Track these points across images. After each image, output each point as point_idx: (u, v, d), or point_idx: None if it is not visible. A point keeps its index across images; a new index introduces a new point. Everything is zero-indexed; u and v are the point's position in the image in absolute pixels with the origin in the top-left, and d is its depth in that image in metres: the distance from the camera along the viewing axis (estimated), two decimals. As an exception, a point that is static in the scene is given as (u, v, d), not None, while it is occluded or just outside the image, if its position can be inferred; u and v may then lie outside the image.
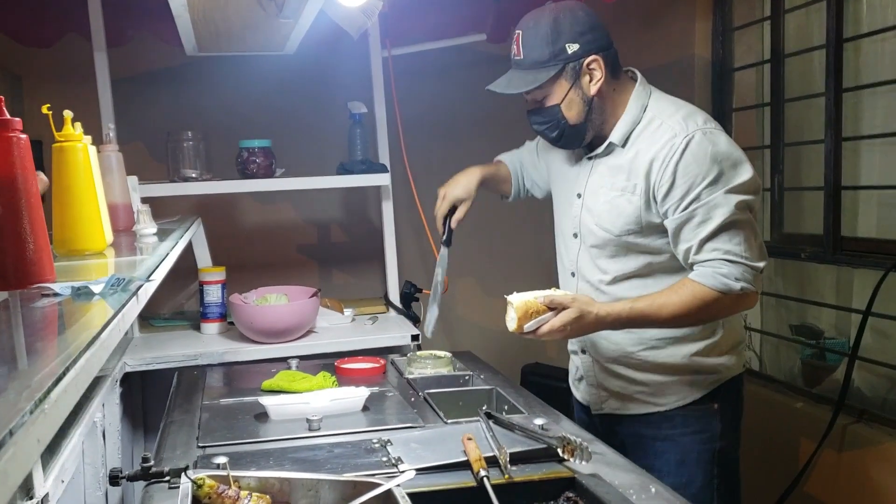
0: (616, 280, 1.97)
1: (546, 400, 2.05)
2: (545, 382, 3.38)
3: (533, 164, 2.32)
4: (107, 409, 2.32)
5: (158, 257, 1.51)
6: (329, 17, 2.39)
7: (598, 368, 2.07)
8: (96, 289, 1.09)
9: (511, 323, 1.83)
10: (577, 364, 2.15)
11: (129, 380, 2.70)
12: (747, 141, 3.33)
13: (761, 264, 1.84)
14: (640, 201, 1.89)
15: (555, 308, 1.80)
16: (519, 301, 1.81)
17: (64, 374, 0.64)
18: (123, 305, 0.99)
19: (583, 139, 1.97)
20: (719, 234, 1.81)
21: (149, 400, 2.94)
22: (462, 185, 2.24)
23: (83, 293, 1.09)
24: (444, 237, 2.24)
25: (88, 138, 1.82)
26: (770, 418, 2.86)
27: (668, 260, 1.93)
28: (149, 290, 1.21)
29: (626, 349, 2.00)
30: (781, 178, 3.02)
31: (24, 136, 1.18)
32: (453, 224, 2.22)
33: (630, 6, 3.28)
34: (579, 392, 2.17)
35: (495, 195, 2.46)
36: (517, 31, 1.92)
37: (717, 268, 1.81)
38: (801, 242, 2.91)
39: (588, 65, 1.87)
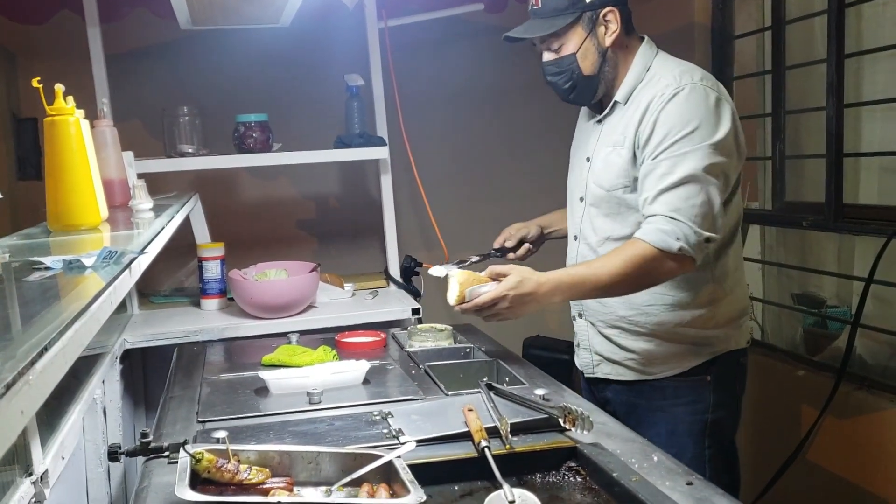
0: (608, 240, 1.96)
1: (548, 372, 2.04)
2: (546, 355, 3.38)
3: None
4: (107, 386, 2.32)
5: (153, 231, 1.49)
6: (323, -13, 2.35)
7: (593, 332, 2.08)
8: (88, 262, 1.08)
9: (452, 293, 1.85)
10: (576, 329, 2.15)
11: (129, 357, 2.70)
12: (748, 109, 3.29)
13: (707, 234, 1.80)
14: (628, 154, 1.90)
15: (496, 279, 1.83)
16: (459, 273, 1.86)
17: (50, 345, 0.63)
18: (115, 278, 0.97)
19: (594, 93, 1.97)
20: (676, 188, 1.79)
21: (150, 376, 2.94)
22: (518, 224, 2.31)
23: (75, 267, 1.07)
24: (496, 250, 2.27)
25: (81, 112, 1.80)
26: (772, 387, 2.86)
27: None
28: (142, 263, 1.20)
29: (619, 313, 2.00)
30: (783, 146, 3.00)
31: None
32: (508, 243, 2.27)
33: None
34: (578, 358, 2.17)
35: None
36: None
37: (659, 224, 1.80)
38: (803, 211, 2.89)
39: (605, 15, 1.90)
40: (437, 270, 2.11)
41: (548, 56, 1.96)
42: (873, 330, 2.63)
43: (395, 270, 3.16)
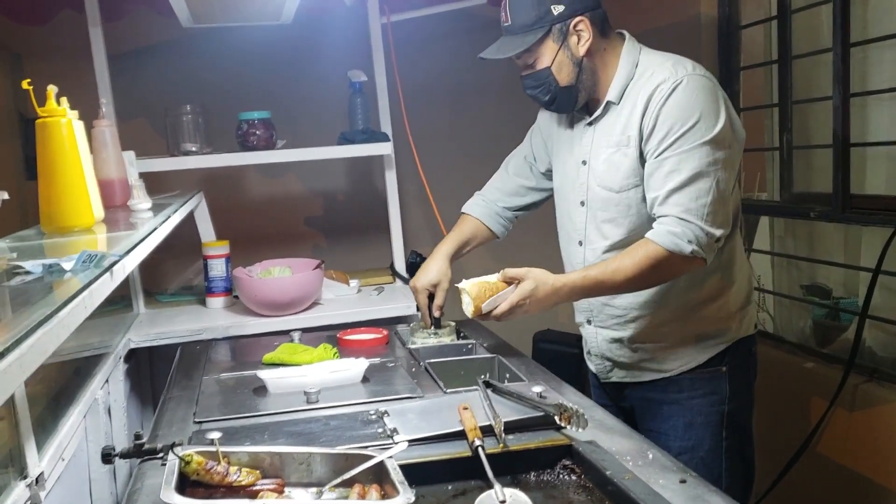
0: (616, 247, 1.94)
1: (558, 366, 2.04)
2: (557, 349, 3.36)
3: (532, 161, 2.27)
4: (111, 386, 2.32)
5: (143, 233, 1.49)
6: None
7: (602, 339, 2.06)
8: (67, 266, 1.07)
9: (468, 307, 1.85)
10: (585, 336, 2.14)
11: (136, 356, 2.71)
12: (755, 99, 3.25)
13: (718, 232, 1.80)
14: (635, 153, 1.88)
15: (510, 284, 1.83)
16: (470, 285, 1.85)
17: (6, 352, 0.62)
18: (91, 283, 0.96)
19: (575, 102, 1.96)
20: (685, 187, 1.79)
21: (157, 375, 2.95)
22: (432, 271, 2.20)
23: (54, 271, 1.07)
24: (432, 324, 2.22)
25: (75, 113, 1.79)
26: (782, 379, 2.83)
27: None
28: (126, 266, 1.19)
29: (631, 314, 1.98)
30: (790, 136, 2.95)
31: None
32: (435, 312, 2.20)
33: (634, -37, 3.20)
34: (591, 363, 2.17)
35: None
36: None
37: (671, 226, 1.79)
38: (811, 201, 2.85)
39: (575, 26, 1.88)
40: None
41: (525, 71, 1.96)
42: (882, 321, 2.60)
43: (400, 266, 3.15)
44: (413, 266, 3.13)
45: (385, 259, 3.41)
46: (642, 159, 1.88)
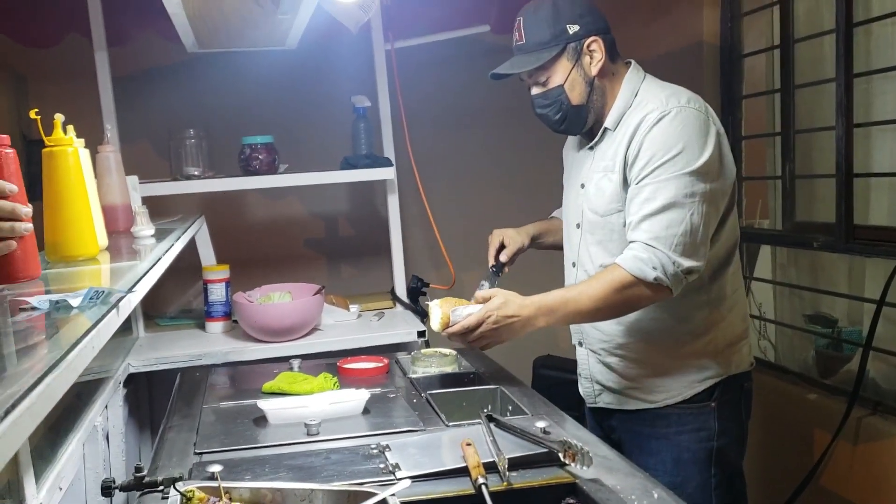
0: (601, 268, 1.94)
1: (558, 393, 2.03)
2: (557, 375, 3.34)
3: None
4: (110, 412, 2.31)
5: (149, 263, 1.48)
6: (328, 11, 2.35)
7: (593, 361, 2.07)
8: (74, 302, 1.07)
9: (435, 320, 1.87)
10: (577, 358, 2.15)
11: (134, 380, 2.70)
12: (758, 128, 3.27)
13: (687, 263, 1.79)
14: (619, 178, 1.90)
15: (481, 303, 1.86)
16: (441, 300, 1.89)
17: (10, 410, 0.61)
18: (98, 321, 0.96)
19: (584, 123, 1.98)
20: (658, 215, 1.80)
21: (156, 399, 2.93)
22: (513, 229, 2.27)
23: (61, 307, 1.06)
24: (494, 267, 2.24)
25: (81, 141, 1.80)
26: (784, 410, 2.82)
27: None
28: (132, 301, 1.19)
29: (617, 340, 1.99)
30: (793, 165, 2.96)
31: (10, 150, 1.33)
32: (503, 257, 2.22)
33: (636, -7, 3.23)
34: (581, 386, 2.16)
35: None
36: (518, 18, 1.96)
37: (638, 251, 1.80)
38: (814, 231, 2.85)
39: (589, 45, 1.91)
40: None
41: (536, 90, 1.97)
42: (886, 353, 2.59)
43: (401, 291, 3.14)
44: (414, 291, 3.13)
45: (385, 282, 3.40)
46: (626, 185, 1.89)
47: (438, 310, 1.87)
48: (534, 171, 3.57)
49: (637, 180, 1.84)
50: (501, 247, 2.23)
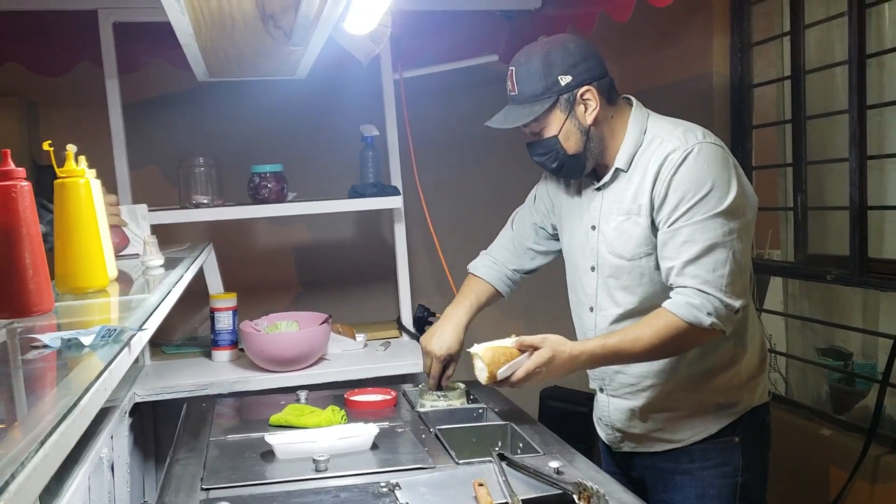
0: (629, 315, 1.92)
1: (566, 425, 2.00)
2: (565, 407, 3.31)
3: (539, 223, 2.24)
4: (115, 442, 2.28)
5: (158, 297, 1.47)
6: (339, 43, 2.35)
7: (614, 408, 2.03)
8: (86, 340, 1.05)
9: (481, 373, 1.81)
10: (597, 403, 2.11)
11: (140, 409, 2.67)
12: (768, 159, 3.26)
13: (737, 303, 1.78)
14: (646, 221, 1.86)
15: (524, 350, 1.80)
16: (483, 349, 1.81)
17: (25, 463, 0.59)
18: (111, 362, 0.94)
19: (583, 168, 1.95)
20: (702, 258, 1.77)
21: (161, 428, 2.90)
22: (449, 339, 2.14)
23: (73, 345, 1.05)
24: (436, 389, 2.20)
25: (92, 172, 1.79)
26: (797, 446, 2.78)
27: None
28: (143, 338, 1.17)
29: (643, 383, 1.95)
30: (805, 197, 2.95)
31: (25, 183, 1.32)
32: (444, 382, 2.18)
33: (645, 24, 3.22)
34: (601, 430, 2.13)
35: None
36: (511, 68, 1.94)
37: (690, 297, 1.77)
38: (827, 264, 2.83)
39: (582, 95, 1.88)
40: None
41: (531, 139, 1.96)
42: (902, 389, 2.56)
43: (407, 320, 3.12)
44: (420, 321, 3.11)
45: (391, 310, 3.38)
46: (654, 228, 1.86)
47: (484, 365, 1.80)
48: (542, 200, 3.56)
49: (669, 223, 1.81)
50: (444, 369, 2.16)
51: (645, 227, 1.87)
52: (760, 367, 2.00)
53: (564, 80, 1.87)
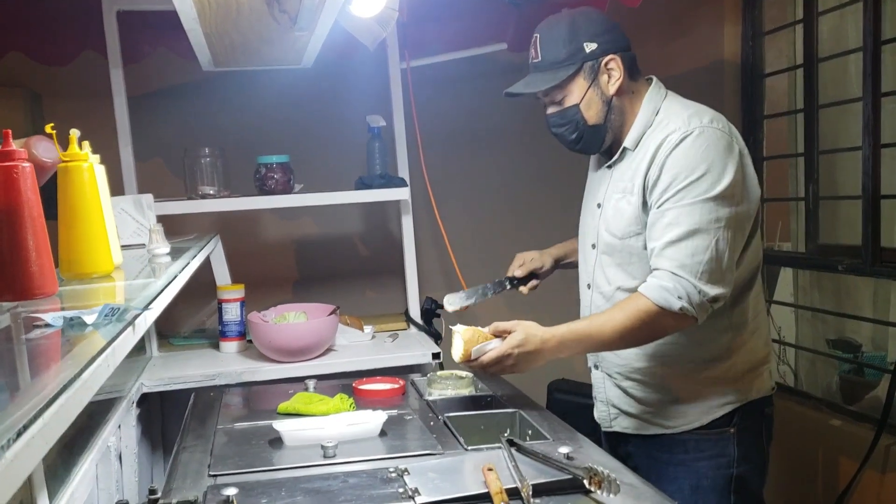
0: (620, 290, 1.91)
1: (573, 416, 1.98)
2: (572, 399, 3.29)
3: None
4: (123, 432, 2.28)
5: (164, 281, 1.45)
6: (345, 29, 2.33)
7: (609, 384, 2.03)
8: (89, 319, 1.03)
9: (457, 350, 1.86)
10: (593, 381, 2.10)
11: (147, 399, 2.66)
12: (780, 148, 3.22)
13: (713, 292, 1.74)
14: (638, 201, 1.85)
15: (500, 336, 1.83)
16: (464, 329, 1.85)
17: (24, 430, 0.58)
18: (114, 339, 0.92)
19: (602, 142, 1.93)
20: (682, 242, 1.75)
21: (168, 419, 2.89)
22: (536, 251, 2.29)
23: (76, 324, 1.03)
24: (504, 280, 2.25)
25: (96, 157, 1.77)
26: (807, 436, 2.75)
27: None
28: (148, 318, 1.15)
29: (634, 365, 1.94)
30: (816, 186, 2.91)
31: (27, 164, 1.28)
32: (518, 272, 2.25)
33: (655, 10, 3.19)
34: (596, 410, 2.12)
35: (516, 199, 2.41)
36: (535, 35, 1.92)
37: (663, 280, 1.75)
38: (838, 254, 2.80)
39: (606, 64, 1.86)
40: (450, 301, 2.22)
41: (551, 108, 1.93)
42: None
43: (415, 312, 3.11)
44: (428, 313, 3.08)
45: (399, 302, 3.36)
46: (645, 208, 1.85)
47: (461, 342, 1.85)
48: (550, 191, 3.54)
49: (658, 204, 1.79)
50: (530, 275, 2.23)
51: (636, 205, 1.85)
52: (762, 361, 1.97)
53: (589, 47, 1.85)
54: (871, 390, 2.79)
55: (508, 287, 2.25)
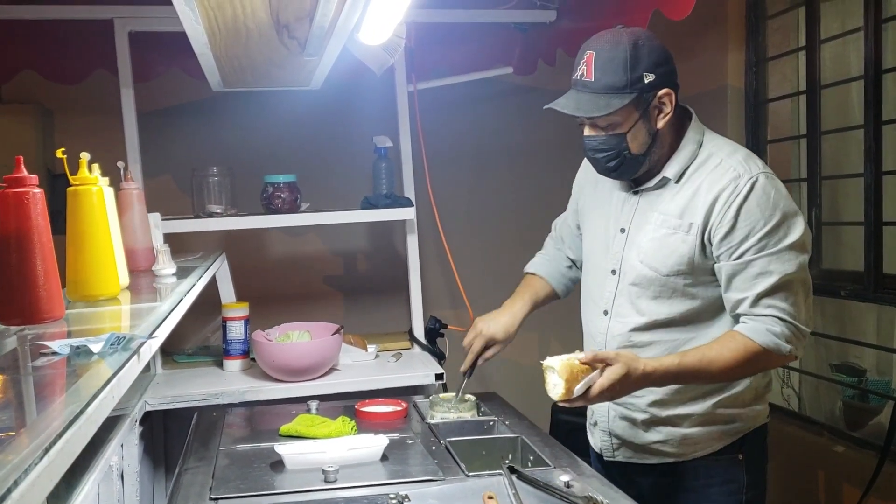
0: (652, 326, 1.88)
1: (577, 439, 1.97)
2: (576, 420, 3.28)
3: (576, 227, 2.22)
4: (125, 450, 2.29)
5: (169, 305, 1.47)
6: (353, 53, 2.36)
7: (613, 415, 1.98)
8: (95, 348, 1.05)
9: (556, 389, 1.67)
10: (592, 408, 2.05)
11: (150, 417, 2.67)
12: (783, 174, 3.22)
13: (808, 329, 1.80)
14: (696, 241, 1.81)
15: (595, 366, 1.69)
16: (560, 364, 1.66)
17: (30, 469, 0.59)
18: (119, 370, 0.94)
19: (637, 171, 1.88)
20: (777, 292, 1.76)
21: (171, 437, 2.90)
22: (503, 325, 2.12)
23: (82, 352, 1.05)
24: (469, 370, 2.14)
25: (105, 180, 1.80)
26: (810, 462, 2.75)
27: (707, 308, 1.85)
28: (153, 346, 1.17)
29: (649, 398, 1.91)
30: (819, 212, 2.92)
31: (38, 190, 1.32)
32: (481, 361, 2.13)
33: (660, 36, 3.19)
34: (593, 438, 2.08)
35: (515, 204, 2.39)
36: (588, 52, 1.80)
37: (769, 325, 1.76)
38: (841, 279, 2.80)
39: (661, 97, 1.80)
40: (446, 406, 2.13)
41: (592, 131, 1.84)
42: (917, 406, 2.52)
43: (419, 332, 3.12)
44: (432, 332, 3.10)
45: (403, 321, 3.38)
46: (703, 250, 1.81)
47: (562, 383, 1.66)
48: (553, 212, 3.53)
49: (738, 255, 1.77)
50: (484, 348, 2.12)
51: (693, 246, 1.81)
52: (766, 387, 1.98)
53: (648, 77, 1.78)
54: (874, 416, 2.79)
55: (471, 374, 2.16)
